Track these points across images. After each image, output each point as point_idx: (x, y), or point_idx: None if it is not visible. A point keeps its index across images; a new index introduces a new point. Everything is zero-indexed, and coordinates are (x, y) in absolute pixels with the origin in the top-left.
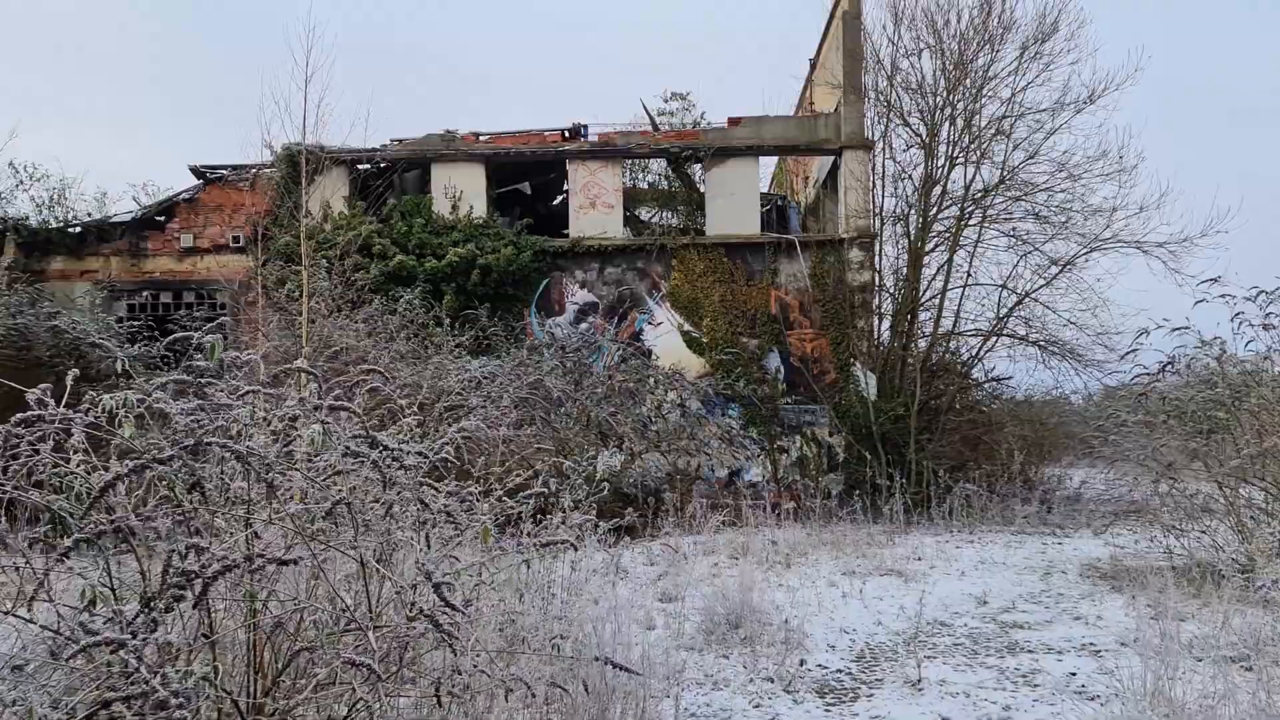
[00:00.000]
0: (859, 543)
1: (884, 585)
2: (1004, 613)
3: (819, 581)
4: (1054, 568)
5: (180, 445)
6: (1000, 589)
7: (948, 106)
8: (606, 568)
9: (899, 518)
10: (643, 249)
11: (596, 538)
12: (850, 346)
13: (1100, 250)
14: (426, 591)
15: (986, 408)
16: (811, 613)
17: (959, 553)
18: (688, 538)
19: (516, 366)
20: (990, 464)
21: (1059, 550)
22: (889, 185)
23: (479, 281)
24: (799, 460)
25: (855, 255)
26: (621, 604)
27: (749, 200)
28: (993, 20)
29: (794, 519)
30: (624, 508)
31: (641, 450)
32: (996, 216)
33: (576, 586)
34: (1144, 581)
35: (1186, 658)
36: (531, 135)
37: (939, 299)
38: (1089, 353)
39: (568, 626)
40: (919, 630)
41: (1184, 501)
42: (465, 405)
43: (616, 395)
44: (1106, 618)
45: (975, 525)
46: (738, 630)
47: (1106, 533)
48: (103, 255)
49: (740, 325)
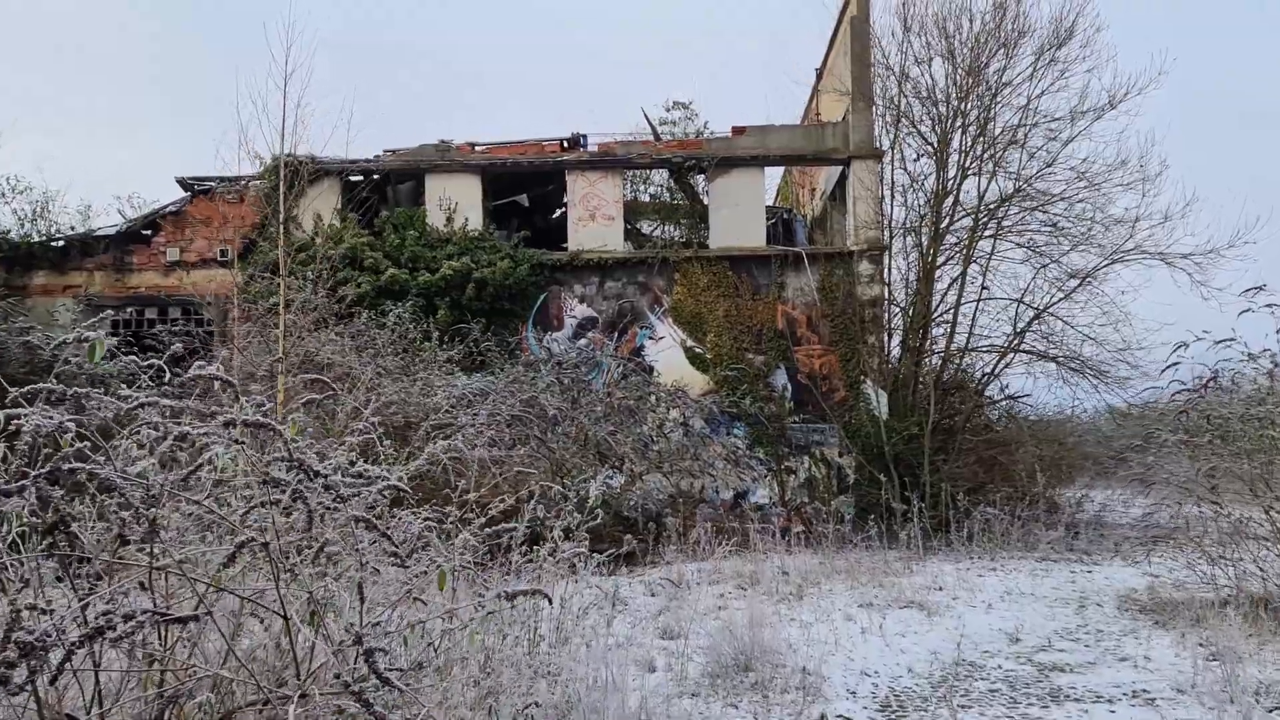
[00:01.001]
0: (875, 570)
1: (905, 619)
2: (1040, 652)
3: (834, 615)
4: (1088, 599)
5: (34, 473)
6: (1033, 624)
7: (960, 115)
8: (601, 601)
9: (917, 543)
10: (644, 262)
11: (591, 569)
12: (860, 363)
13: (1122, 262)
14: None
15: (1002, 427)
16: (828, 652)
17: (982, 582)
18: (691, 564)
19: (511, 383)
20: (1009, 486)
21: (1089, 580)
22: (899, 196)
23: (474, 296)
24: (807, 482)
25: (865, 268)
26: (618, 642)
27: (754, 212)
28: (1007, 25)
29: (804, 544)
30: (624, 532)
31: (642, 471)
32: (1012, 228)
33: (567, 630)
34: (1192, 615)
35: (1257, 709)
36: (529, 145)
37: (952, 313)
38: (1112, 369)
39: (554, 677)
40: (948, 673)
41: (1229, 527)
42: (454, 424)
43: (616, 413)
44: (1156, 659)
45: (996, 551)
46: (747, 674)
47: (1145, 561)
48: (86, 270)
49: (745, 341)
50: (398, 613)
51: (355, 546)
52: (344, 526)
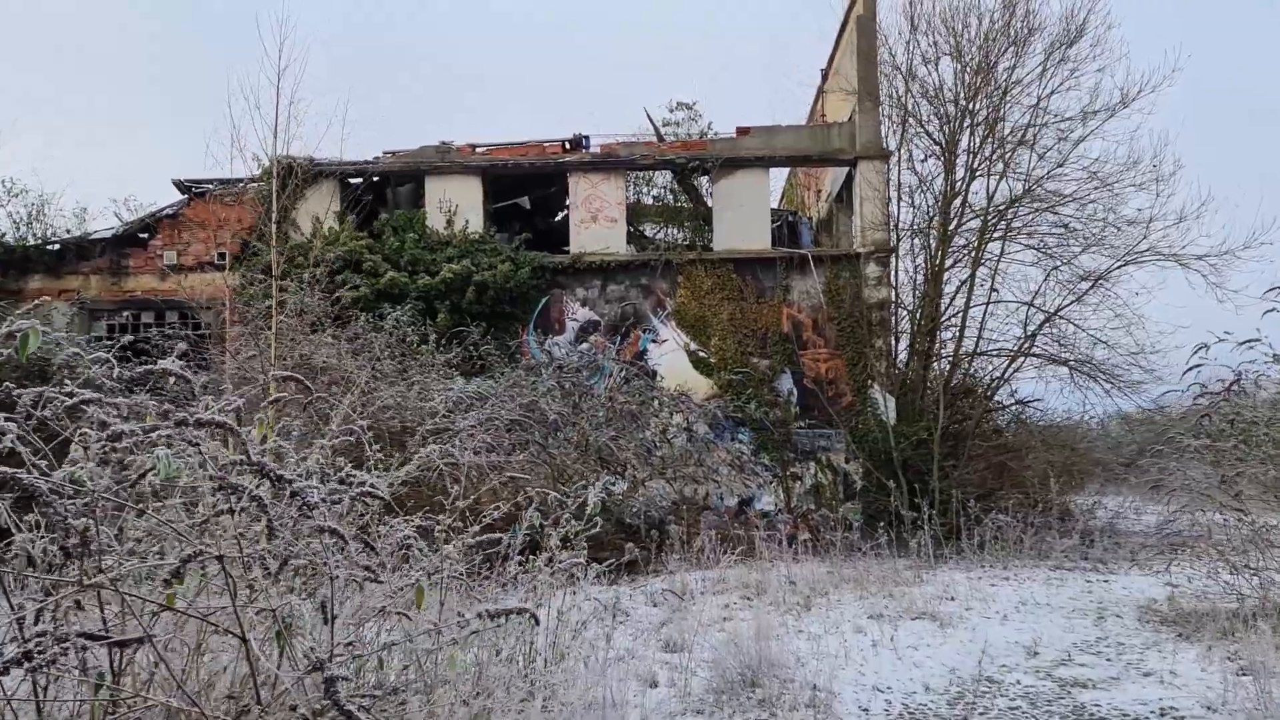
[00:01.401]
0: (884, 579)
1: (917, 631)
2: (1060, 666)
3: (844, 626)
4: (1106, 610)
5: None
6: (1051, 636)
7: (968, 115)
8: (601, 613)
9: (927, 551)
10: (647, 265)
11: (591, 579)
12: (868, 367)
13: (1135, 264)
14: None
15: (1012, 433)
16: (838, 666)
17: (995, 591)
18: (696, 573)
19: (510, 387)
20: (1019, 492)
21: (1106, 589)
22: (906, 197)
23: (474, 299)
24: (814, 488)
25: (872, 270)
26: (619, 655)
27: (759, 213)
28: (1016, 22)
29: (811, 552)
30: (626, 540)
31: (645, 477)
32: (1021, 229)
33: (564, 644)
34: (1218, 628)
35: None
36: (530, 146)
37: (961, 317)
38: (1125, 373)
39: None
40: (965, 689)
41: (1250, 535)
42: (450, 429)
43: (618, 418)
44: (1182, 674)
45: (1009, 560)
46: (754, 689)
47: (1165, 570)
48: (82, 274)
49: (750, 345)
50: (380, 629)
51: (325, 560)
52: (311, 537)
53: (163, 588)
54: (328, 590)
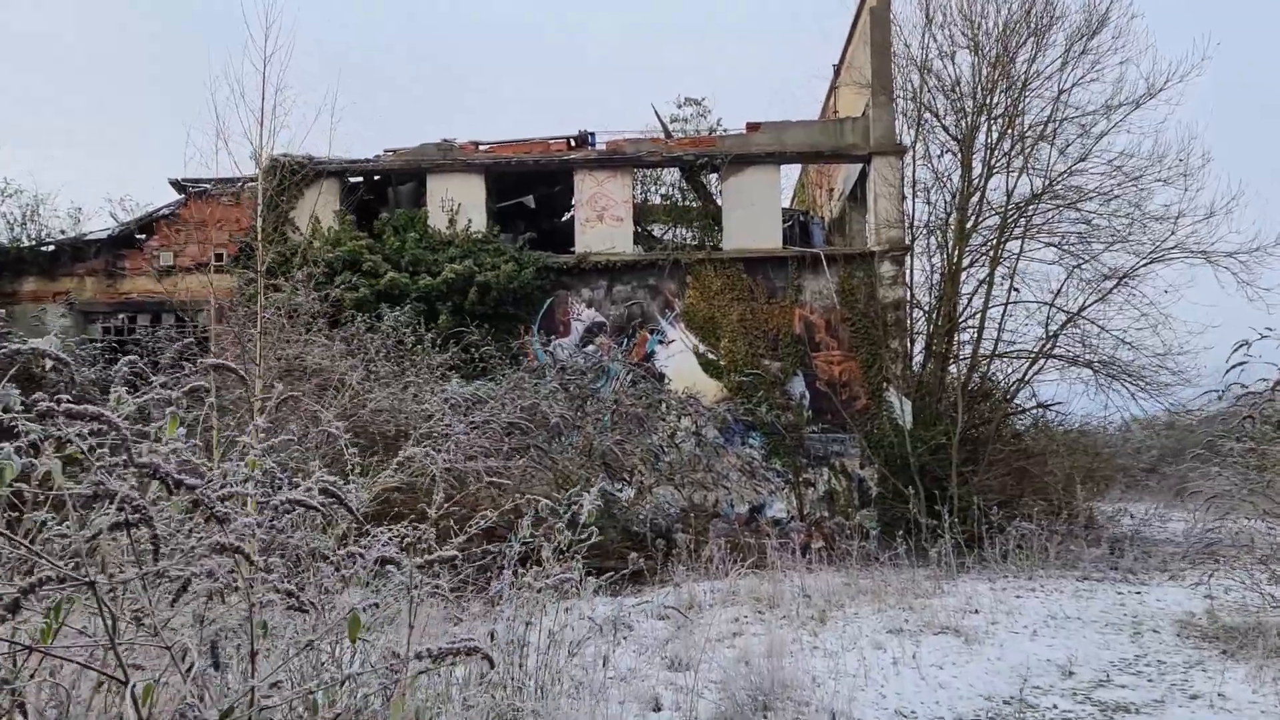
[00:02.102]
0: (903, 591)
1: (941, 647)
2: (1098, 688)
3: (862, 642)
4: (1142, 625)
5: None
6: (1086, 654)
7: (986, 109)
8: (596, 634)
9: (948, 561)
10: (655, 265)
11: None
12: (883, 369)
13: (1162, 261)
14: None
15: (1032, 437)
16: (857, 687)
17: (1021, 604)
18: (704, 584)
19: (511, 389)
20: (1041, 499)
21: (1139, 602)
22: (922, 194)
23: (477, 300)
24: (827, 495)
25: (887, 269)
26: (620, 675)
27: (770, 211)
28: (1036, 12)
29: (826, 562)
30: (632, 549)
31: (652, 483)
32: (1042, 227)
33: (557, 667)
34: (1268, 645)
35: None
36: (535, 144)
37: (979, 317)
38: (1152, 375)
39: None
40: (997, 714)
41: None
42: (446, 433)
43: (624, 422)
44: (1232, 696)
45: (1034, 570)
46: (766, 714)
47: (1204, 582)
48: (77, 275)
49: (761, 346)
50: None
51: (227, 583)
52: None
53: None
54: (244, 620)
